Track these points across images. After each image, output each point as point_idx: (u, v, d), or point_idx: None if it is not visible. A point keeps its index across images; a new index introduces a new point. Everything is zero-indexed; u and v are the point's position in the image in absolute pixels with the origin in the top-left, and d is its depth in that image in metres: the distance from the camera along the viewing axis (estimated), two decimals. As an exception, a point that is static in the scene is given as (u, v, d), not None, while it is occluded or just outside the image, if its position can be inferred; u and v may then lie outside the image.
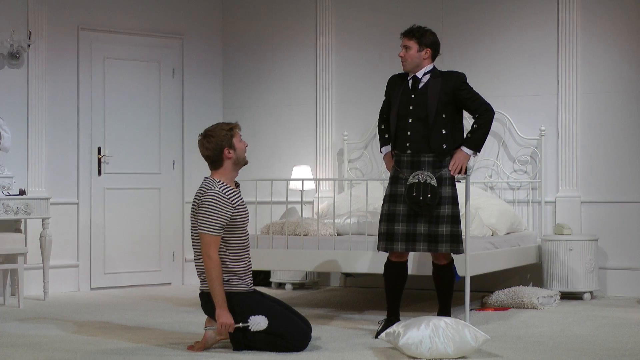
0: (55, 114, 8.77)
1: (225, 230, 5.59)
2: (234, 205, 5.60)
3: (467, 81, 6.27)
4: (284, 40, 9.59)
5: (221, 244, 5.59)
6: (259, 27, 9.69)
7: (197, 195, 5.64)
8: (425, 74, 6.23)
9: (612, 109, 8.48)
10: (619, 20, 8.48)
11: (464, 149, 6.22)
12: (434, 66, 6.27)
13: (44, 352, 5.52)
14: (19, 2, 8.59)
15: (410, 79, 6.26)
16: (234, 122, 5.74)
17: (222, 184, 5.63)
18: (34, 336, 6.16)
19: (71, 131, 8.87)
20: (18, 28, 8.53)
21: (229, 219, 5.58)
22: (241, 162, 5.73)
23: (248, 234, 5.74)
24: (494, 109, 6.39)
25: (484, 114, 6.24)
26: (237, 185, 5.77)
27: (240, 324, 5.53)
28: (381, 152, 6.51)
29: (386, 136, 6.43)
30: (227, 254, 5.61)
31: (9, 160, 8.28)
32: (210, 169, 5.71)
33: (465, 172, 6.26)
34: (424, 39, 6.21)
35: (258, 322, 5.51)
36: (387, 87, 6.43)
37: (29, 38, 8.57)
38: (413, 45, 6.21)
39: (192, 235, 5.70)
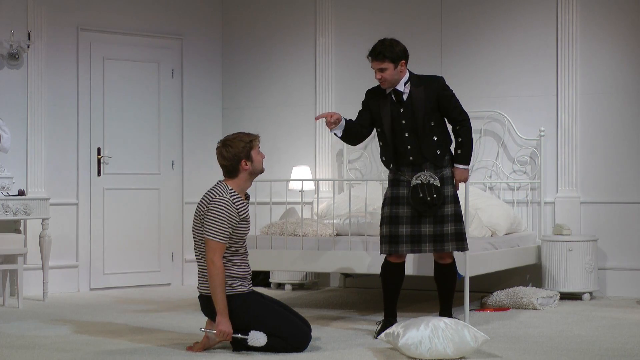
0: (55, 114, 8.77)
1: None
2: (239, 217, 5.59)
3: (448, 82, 6.27)
4: (283, 41, 9.58)
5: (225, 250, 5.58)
6: (258, 28, 9.69)
7: (205, 198, 5.61)
8: (405, 84, 6.17)
9: (611, 109, 8.48)
10: (619, 20, 8.48)
11: (460, 166, 6.22)
12: (409, 73, 6.21)
13: (44, 353, 5.51)
14: (19, 3, 8.59)
15: (391, 92, 6.19)
16: (255, 134, 5.71)
17: (234, 192, 5.61)
18: (33, 337, 6.15)
19: (70, 131, 8.87)
20: (17, 28, 8.53)
21: (234, 228, 5.58)
22: (257, 173, 5.72)
23: (245, 242, 5.71)
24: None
25: (463, 127, 6.19)
26: (247, 197, 5.75)
27: (239, 335, 5.51)
28: (344, 119, 6.18)
29: (354, 121, 6.23)
30: (229, 258, 5.60)
31: (9, 161, 8.27)
32: (225, 177, 5.68)
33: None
34: (395, 54, 6.08)
35: (257, 338, 5.47)
36: (365, 101, 6.32)
37: (29, 38, 8.57)
38: (388, 65, 6.08)
39: (194, 237, 5.68)
